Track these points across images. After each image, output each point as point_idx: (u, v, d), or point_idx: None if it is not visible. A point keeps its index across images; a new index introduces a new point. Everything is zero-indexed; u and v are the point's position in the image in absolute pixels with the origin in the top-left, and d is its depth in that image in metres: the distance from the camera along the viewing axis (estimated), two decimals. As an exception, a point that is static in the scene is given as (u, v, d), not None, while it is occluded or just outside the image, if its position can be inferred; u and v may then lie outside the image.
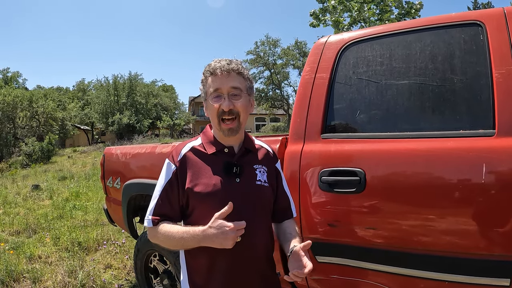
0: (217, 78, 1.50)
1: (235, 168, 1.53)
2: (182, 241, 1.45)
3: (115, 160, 3.49)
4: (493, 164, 1.56)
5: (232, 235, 1.35)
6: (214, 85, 1.50)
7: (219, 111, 1.50)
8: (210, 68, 1.52)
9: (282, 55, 37.83)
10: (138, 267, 3.14)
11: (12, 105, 27.89)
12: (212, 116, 1.54)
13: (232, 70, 1.51)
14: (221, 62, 1.51)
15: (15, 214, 7.27)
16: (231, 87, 1.50)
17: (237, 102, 1.51)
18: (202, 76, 1.57)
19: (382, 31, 2.06)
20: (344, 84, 2.09)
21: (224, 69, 1.49)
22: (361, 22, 10.77)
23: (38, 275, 4.03)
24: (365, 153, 1.87)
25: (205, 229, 1.40)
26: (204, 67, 1.57)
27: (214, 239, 1.37)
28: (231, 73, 1.51)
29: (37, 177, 14.14)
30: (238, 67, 1.53)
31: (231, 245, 1.37)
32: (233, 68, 1.51)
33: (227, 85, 1.50)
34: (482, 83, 1.72)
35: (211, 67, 1.52)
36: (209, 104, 1.54)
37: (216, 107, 1.50)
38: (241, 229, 1.38)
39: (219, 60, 1.54)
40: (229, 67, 1.50)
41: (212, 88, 1.51)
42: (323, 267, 1.96)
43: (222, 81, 1.50)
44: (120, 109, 33.71)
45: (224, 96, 1.50)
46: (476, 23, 1.81)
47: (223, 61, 1.53)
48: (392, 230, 1.76)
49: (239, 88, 1.52)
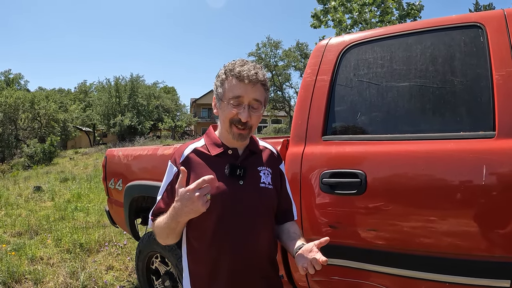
0: (242, 85, 1.43)
1: (239, 171, 1.50)
2: (167, 226, 1.41)
3: (117, 162, 3.50)
4: (494, 166, 1.56)
5: (196, 196, 1.27)
6: (237, 92, 1.44)
7: (235, 118, 1.46)
8: (236, 71, 1.44)
9: (284, 57, 37.87)
10: (140, 269, 3.15)
11: (14, 106, 27.95)
12: (224, 119, 1.50)
13: (259, 81, 1.45)
14: (250, 69, 1.44)
15: (17, 216, 7.28)
16: (254, 99, 1.45)
17: (254, 115, 1.47)
18: (222, 74, 1.49)
19: (383, 33, 2.07)
20: (345, 86, 2.09)
21: (252, 79, 1.43)
22: (362, 23, 10.76)
23: (40, 276, 4.04)
24: (366, 155, 1.88)
25: (174, 205, 1.35)
26: (226, 65, 1.50)
27: (184, 208, 1.30)
28: (257, 84, 1.45)
29: (38, 178, 14.16)
30: (264, 78, 1.48)
31: (202, 207, 1.29)
32: (260, 79, 1.45)
33: (251, 96, 1.44)
34: (482, 85, 1.72)
35: (237, 70, 1.44)
36: (224, 107, 1.48)
37: (233, 113, 1.45)
38: (204, 187, 1.29)
39: (245, 62, 1.48)
40: (257, 78, 1.44)
41: (234, 94, 1.44)
42: (325, 268, 1.95)
43: (247, 90, 1.43)
44: (121, 111, 33.77)
45: (244, 106, 1.44)
46: (476, 25, 1.81)
47: (251, 67, 1.46)
48: (393, 231, 1.77)
49: (260, 101, 1.48)
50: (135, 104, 34.48)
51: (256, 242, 1.51)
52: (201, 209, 1.30)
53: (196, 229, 1.52)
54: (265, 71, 1.52)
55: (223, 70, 1.50)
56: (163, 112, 37.99)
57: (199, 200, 1.28)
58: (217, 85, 1.53)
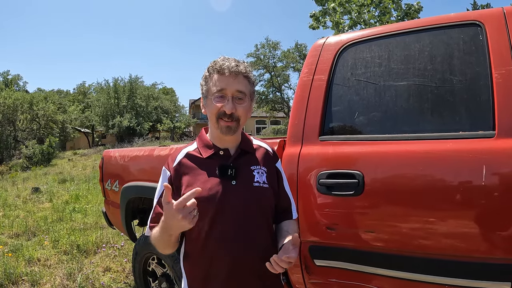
0: (224, 78, 1.45)
1: (230, 171, 1.49)
2: (160, 238, 1.41)
3: (114, 163, 3.48)
4: (494, 166, 1.54)
5: (179, 214, 1.24)
6: (219, 85, 1.45)
7: (220, 112, 1.46)
8: (217, 66, 1.46)
9: (282, 58, 37.87)
10: (137, 270, 3.13)
11: (13, 107, 27.93)
12: (211, 115, 1.50)
13: (241, 72, 1.46)
14: (230, 62, 1.46)
15: (15, 217, 7.26)
16: (236, 90, 1.45)
17: (239, 106, 1.47)
18: (206, 72, 1.51)
19: (380, 32, 2.05)
20: (342, 85, 2.07)
21: (232, 70, 1.44)
22: (360, 24, 10.76)
23: (37, 278, 4.03)
24: (363, 155, 1.86)
25: (162, 219, 1.34)
26: (210, 63, 1.51)
27: (172, 224, 1.29)
28: (238, 76, 1.46)
29: (37, 179, 14.15)
30: (246, 70, 1.49)
31: (189, 224, 1.27)
32: (241, 70, 1.46)
33: (233, 87, 1.45)
34: (481, 84, 1.70)
35: (218, 65, 1.46)
36: (210, 103, 1.48)
37: (218, 107, 1.45)
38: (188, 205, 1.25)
39: (226, 58, 1.48)
40: (238, 69, 1.45)
41: (217, 87, 1.45)
42: (322, 270, 1.94)
43: (228, 82, 1.44)
44: (120, 112, 33.79)
45: (228, 98, 1.45)
46: (475, 23, 1.79)
47: (232, 61, 1.47)
48: (391, 233, 1.74)
49: (244, 92, 1.47)
50: (134, 105, 34.50)
51: (251, 242, 1.48)
52: (188, 226, 1.28)
53: (190, 232, 1.50)
54: (248, 65, 1.52)
55: (206, 70, 1.52)
56: (162, 113, 38.02)
57: (184, 219, 1.25)
58: (202, 84, 1.54)
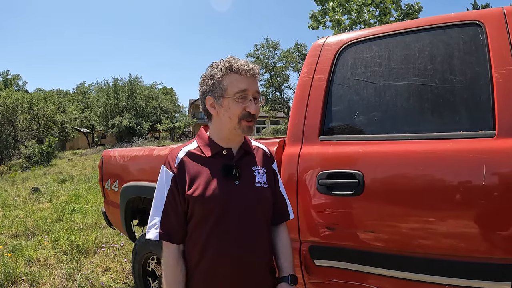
0: (245, 79, 1.46)
1: (234, 171, 1.49)
2: None
3: (113, 163, 3.47)
4: (494, 166, 1.53)
5: None
6: (241, 85, 1.45)
7: (244, 113, 1.46)
8: (235, 67, 1.46)
9: (282, 58, 37.89)
10: (136, 270, 3.12)
11: (12, 107, 27.92)
12: (232, 116, 1.47)
13: (257, 74, 1.50)
14: (247, 64, 1.47)
15: (14, 217, 7.25)
16: (256, 91, 1.49)
17: (257, 106, 1.50)
18: (218, 72, 1.48)
19: (380, 31, 2.05)
20: (342, 85, 2.07)
21: (251, 72, 1.47)
22: (360, 24, 10.76)
23: (37, 278, 4.02)
24: (363, 155, 1.85)
25: None
26: (220, 62, 1.50)
27: None
28: (255, 77, 1.50)
29: (36, 179, 14.14)
30: (259, 72, 1.53)
31: None
32: (257, 72, 1.50)
33: (254, 88, 1.48)
34: (481, 83, 1.69)
35: (237, 65, 1.46)
36: (231, 103, 1.46)
37: (241, 108, 1.46)
38: None
39: (236, 58, 1.49)
40: (254, 71, 1.48)
41: (240, 88, 1.45)
42: (322, 270, 1.94)
43: (249, 82, 1.47)
44: (120, 112, 33.78)
45: (250, 98, 1.47)
46: (475, 23, 1.79)
47: (246, 62, 1.48)
48: (391, 233, 1.74)
49: (260, 93, 1.53)
50: (134, 105, 34.50)
51: (254, 242, 1.49)
52: None
53: (192, 232, 1.50)
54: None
55: (218, 69, 1.48)
56: (162, 113, 38.02)
57: None
58: (210, 84, 1.50)
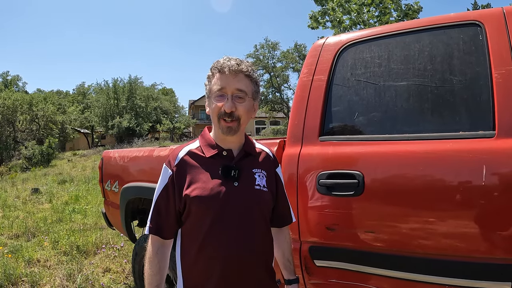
0: (224, 77, 1.46)
1: (233, 172, 1.49)
2: None
3: (113, 164, 3.47)
4: (494, 166, 1.53)
5: None
6: (219, 84, 1.46)
7: (220, 112, 1.46)
8: (218, 65, 1.47)
9: (282, 58, 37.86)
10: (136, 271, 3.11)
11: (12, 108, 27.90)
12: (212, 115, 1.50)
13: (241, 71, 1.47)
14: (231, 61, 1.47)
15: (15, 218, 7.26)
16: (236, 89, 1.46)
17: (239, 105, 1.46)
18: (209, 72, 1.52)
19: (380, 32, 2.05)
20: (342, 86, 2.07)
21: (232, 69, 1.45)
22: (360, 24, 10.77)
23: (37, 279, 4.02)
24: (363, 156, 1.85)
25: None
26: (213, 63, 1.52)
27: None
28: (239, 74, 1.46)
29: (36, 180, 14.14)
30: (248, 69, 1.49)
31: None
32: (242, 69, 1.47)
33: (233, 86, 1.45)
34: (481, 83, 1.69)
35: (220, 64, 1.47)
36: (211, 102, 1.50)
37: (218, 106, 1.46)
38: None
39: (229, 58, 1.49)
40: (238, 68, 1.46)
41: (217, 86, 1.46)
42: (322, 271, 1.94)
43: (228, 80, 1.45)
44: (120, 113, 33.77)
45: (227, 97, 1.45)
46: (475, 23, 1.79)
47: (233, 60, 1.48)
48: (391, 233, 1.74)
49: (244, 91, 1.47)
50: (133, 106, 34.48)
51: (250, 244, 1.48)
52: None
53: (190, 232, 1.50)
54: (250, 64, 1.53)
55: (210, 70, 1.53)
56: (162, 114, 38.00)
57: None
58: (206, 84, 1.55)
